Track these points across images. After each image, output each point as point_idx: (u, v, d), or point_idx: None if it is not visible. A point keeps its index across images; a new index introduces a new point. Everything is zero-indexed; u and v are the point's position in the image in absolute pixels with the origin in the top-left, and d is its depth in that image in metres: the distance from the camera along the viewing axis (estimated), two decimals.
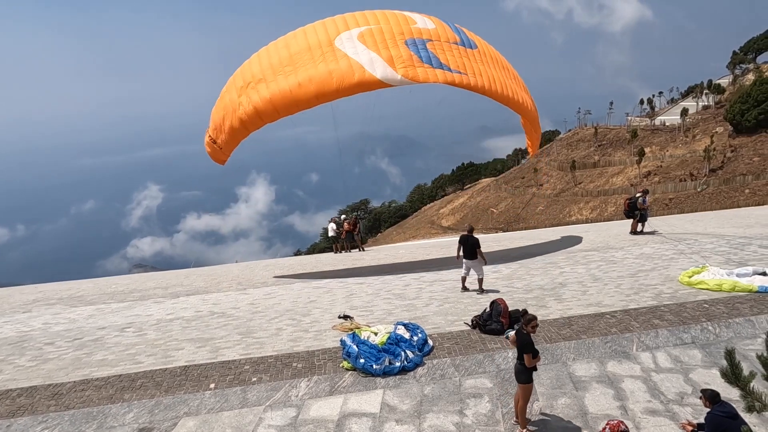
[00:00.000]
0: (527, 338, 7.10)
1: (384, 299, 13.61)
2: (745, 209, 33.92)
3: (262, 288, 16.55)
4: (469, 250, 13.05)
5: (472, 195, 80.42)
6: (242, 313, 13.30)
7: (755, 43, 79.37)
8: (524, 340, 7.07)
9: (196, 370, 9.47)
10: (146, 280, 21.30)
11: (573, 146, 71.07)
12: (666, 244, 17.70)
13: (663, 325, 9.93)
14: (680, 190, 50.12)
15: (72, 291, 19.05)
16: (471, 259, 13.14)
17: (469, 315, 11.23)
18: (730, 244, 16.91)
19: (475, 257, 13.02)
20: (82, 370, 9.93)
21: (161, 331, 12.21)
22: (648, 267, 14.67)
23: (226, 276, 19.94)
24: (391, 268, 18.21)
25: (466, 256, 13.18)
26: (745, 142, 50.49)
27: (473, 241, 13.00)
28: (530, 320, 7.18)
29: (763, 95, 49.38)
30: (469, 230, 13.55)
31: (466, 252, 13.14)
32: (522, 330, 7.21)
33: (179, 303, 15.23)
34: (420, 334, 9.87)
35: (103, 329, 12.76)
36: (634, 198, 20.10)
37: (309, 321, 12.07)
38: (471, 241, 13.02)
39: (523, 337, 7.11)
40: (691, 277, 12.64)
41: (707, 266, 13.24)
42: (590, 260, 16.27)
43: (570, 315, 10.95)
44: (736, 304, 10.79)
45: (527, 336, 7.12)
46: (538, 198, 64.68)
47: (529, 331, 7.16)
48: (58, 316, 14.67)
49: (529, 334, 7.15)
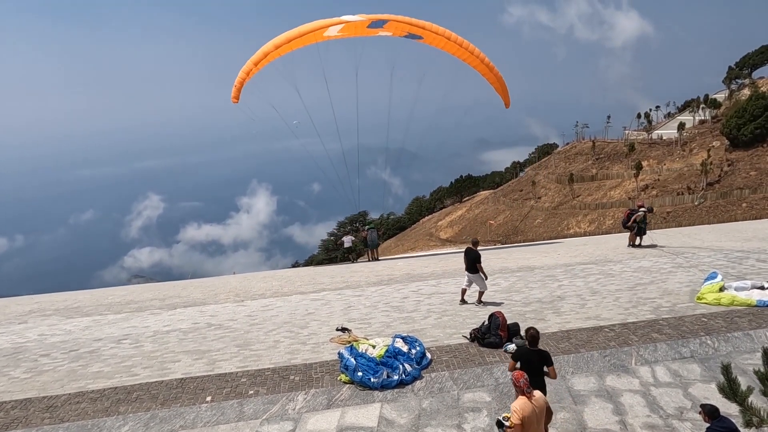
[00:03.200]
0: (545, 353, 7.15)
1: (382, 312, 13.56)
2: (742, 223, 33.99)
3: (260, 300, 16.49)
4: (470, 264, 13.10)
5: (470, 207, 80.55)
6: (239, 325, 13.24)
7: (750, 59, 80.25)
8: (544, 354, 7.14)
9: (193, 383, 9.40)
10: (143, 291, 21.21)
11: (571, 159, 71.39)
12: (664, 258, 17.71)
13: (662, 339, 9.91)
14: (678, 203, 50.27)
15: (68, 302, 18.96)
16: (472, 272, 13.19)
17: (467, 328, 11.19)
18: (728, 258, 16.93)
19: (476, 271, 13.05)
20: (78, 382, 9.85)
21: (158, 343, 12.14)
22: (646, 280, 14.67)
23: (223, 288, 19.87)
24: (389, 281, 18.17)
25: (468, 269, 13.25)
26: (742, 156, 50.79)
27: (474, 255, 13.02)
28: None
29: (759, 110, 49.79)
30: (473, 243, 13.57)
31: (468, 265, 13.20)
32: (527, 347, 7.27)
33: (176, 315, 15.16)
34: (418, 347, 9.84)
35: (100, 341, 12.68)
36: (635, 210, 20.13)
37: (306, 333, 12.02)
38: (471, 256, 13.05)
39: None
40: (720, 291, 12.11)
41: (723, 283, 12.59)
42: (588, 273, 16.26)
43: (569, 328, 10.92)
44: (735, 318, 10.77)
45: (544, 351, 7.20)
46: (536, 211, 64.79)
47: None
48: (54, 328, 14.58)
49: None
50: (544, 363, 7.04)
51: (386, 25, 13.93)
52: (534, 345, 7.18)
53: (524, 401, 6.07)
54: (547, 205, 64.16)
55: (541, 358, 7.04)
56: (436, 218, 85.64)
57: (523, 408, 6.02)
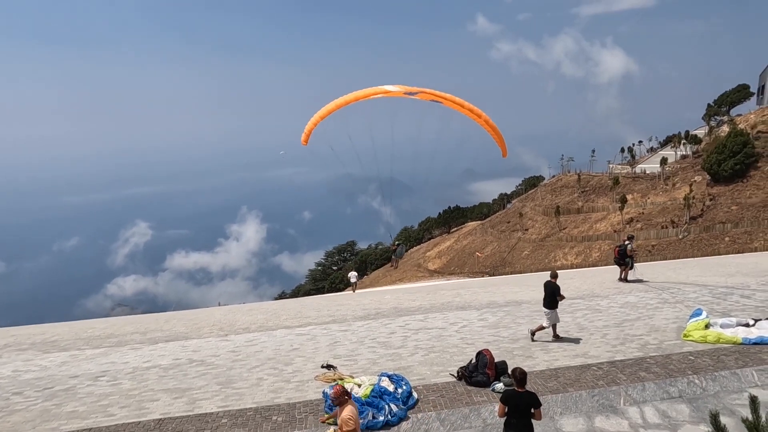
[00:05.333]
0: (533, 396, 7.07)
1: (368, 348, 13.35)
2: (725, 257, 34.49)
3: (244, 334, 16.16)
4: (549, 297, 12.33)
5: (458, 238, 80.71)
6: (222, 361, 12.91)
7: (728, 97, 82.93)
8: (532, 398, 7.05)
9: (171, 424, 9.08)
10: (124, 324, 20.71)
11: (557, 192, 72.28)
12: (650, 293, 17.80)
13: (650, 378, 9.85)
14: (662, 236, 50.90)
15: (46, 335, 18.41)
16: (550, 308, 12.36)
17: (455, 366, 11.04)
18: (712, 293, 17.06)
19: (555, 307, 12.32)
20: (51, 423, 9.46)
21: (137, 380, 11.77)
22: (633, 316, 14.68)
23: (207, 321, 19.48)
24: (376, 315, 17.97)
25: (546, 305, 12.41)
26: (723, 191, 51.86)
27: (553, 288, 12.27)
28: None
29: (738, 146, 51.20)
30: (553, 276, 12.68)
31: (547, 300, 12.40)
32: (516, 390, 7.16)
33: (157, 350, 14.76)
34: (405, 386, 9.65)
35: (76, 377, 12.26)
36: (623, 245, 20.31)
37: (291, 370, 11.75)
38: (550, 288, 12.31)
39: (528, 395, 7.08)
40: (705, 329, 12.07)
41: (709, 320, 12.62)
42: (576, 308, 16.25)
43: (557, 366, 10.82)
44: (721, 356, 10.77)
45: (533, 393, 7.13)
46: (523, 242, 65.09)
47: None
48: (29, 363, 14.10)
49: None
50: (532, 405, 6.94)
51: (417, 95, 16.19)
52: (521, 386, 7.08)
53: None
54: (534, 236, 64.55)
55: (529, 400, 6.95)
56: (425, 249, 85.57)
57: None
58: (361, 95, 16.04)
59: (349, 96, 16.53)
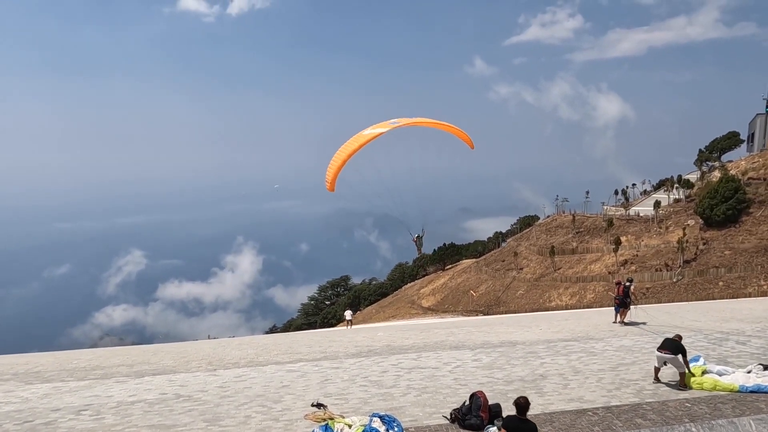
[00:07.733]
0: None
1: (360, 386, 13.07)
2: (720, 302, 34.44)
3: (233, 369, 15.83)
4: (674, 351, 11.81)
5: (452, 276, 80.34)
6: (210, 397, 12.59)
7: (719, 143, 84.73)
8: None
9: None
10: (111, 355, 20.27)
11: (552, 232, 72.56)
12: (645, 336, 17.66)
13: (646, 425, 9.65)
14: (656, 279, 50.89)
15: (29, 365, 17.97)
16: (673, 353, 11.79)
17: (448, 407, 10.81)
18: (708, 339, 16.95)
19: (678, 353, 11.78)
20: None
21: (120, 415, 11.43)
22: (629, 360, 14.52)
23: (196, 354, 19.10)
24: (368, 352, 17.68)
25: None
26: (716, 236, 52.24)
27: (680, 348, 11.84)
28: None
29: (730, 192, 51.95)
30: (678, 337, 12.39)
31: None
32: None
33: (143, 384, 14.40)
34: (396, 428, 9.42)
35: (58, 411, 11.90)
36: (627, 286, 20.25)
37: (280, 408, 11.46)
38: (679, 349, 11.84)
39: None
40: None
41: (706, 366, 12.54)
42: (571, 351, 16.06)
43: (551, 411, 10.60)
44: (718, 404, 10.61)
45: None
46: (518, 282, 64.83)
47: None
48: (9, 395, 13.69)
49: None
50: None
51: (399, 125, 18.36)
52: (523, 414, 6.94)
53: None
54: (529, 276, 64.35)
55: (528, 430, 6.81)
56: (419, 285, 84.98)
57: None
58: (363, 141, 18.00)
59: (353, 143, 18.24)
